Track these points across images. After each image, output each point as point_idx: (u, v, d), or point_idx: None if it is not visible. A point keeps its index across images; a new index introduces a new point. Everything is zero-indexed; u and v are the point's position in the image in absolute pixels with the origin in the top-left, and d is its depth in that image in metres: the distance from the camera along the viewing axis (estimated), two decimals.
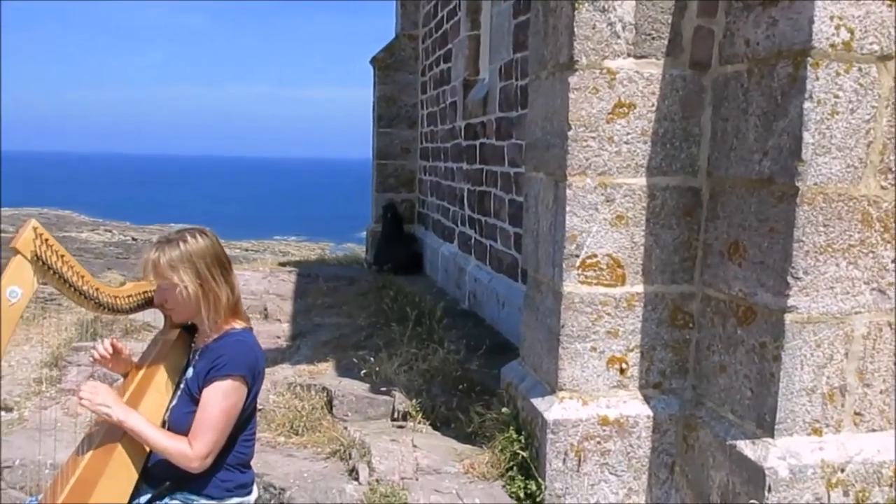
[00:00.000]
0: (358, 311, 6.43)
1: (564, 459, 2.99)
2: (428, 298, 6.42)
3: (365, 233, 9.85)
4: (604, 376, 3.05)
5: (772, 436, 2.60)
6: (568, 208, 2.94)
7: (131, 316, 5.97)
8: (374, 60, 9.24)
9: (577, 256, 2.97)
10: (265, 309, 6.63)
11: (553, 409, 3.00)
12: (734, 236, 2.78)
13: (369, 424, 3.72)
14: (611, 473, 3.05)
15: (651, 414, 3.05)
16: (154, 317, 5.68)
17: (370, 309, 6.42)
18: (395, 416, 3.84)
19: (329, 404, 3.90)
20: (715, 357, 2.91)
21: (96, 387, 2.54)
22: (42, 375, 5.24)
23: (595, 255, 2.97)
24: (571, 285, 2.98)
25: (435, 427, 3.72)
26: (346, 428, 3.60)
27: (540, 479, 3.02)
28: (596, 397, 3.04)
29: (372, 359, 4.33)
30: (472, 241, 6.51)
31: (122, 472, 2.53)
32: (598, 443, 3.01)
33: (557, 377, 3.04)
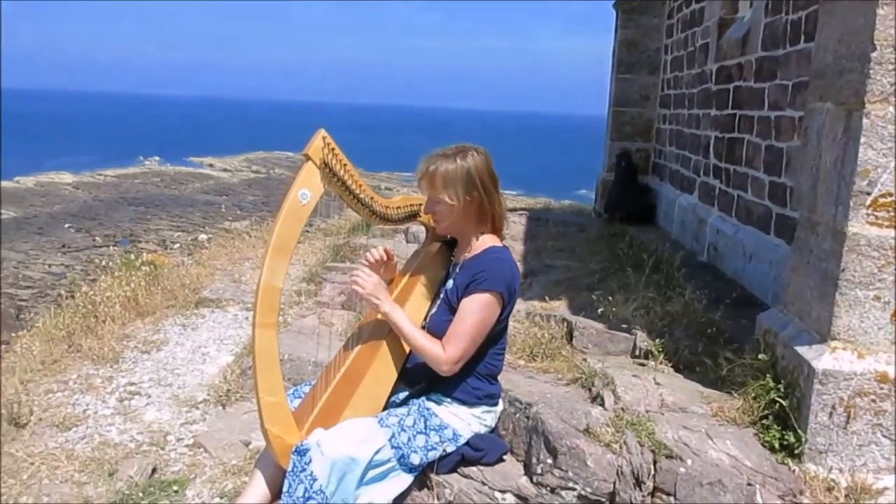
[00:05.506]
0: (588, 255, 6.36)
1: (831, 414, 2.76)
2: (664, 247, 6.19)
3: (595, 182, 9.66)
4: (886, 329, 2.75)
5: None
6: (862, 139, 2.64)
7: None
8: (617, 3, 8.90)
9: (869, 194, 2.67)
10: None
11: (823, 358, 2.76)
12: None
13: (609, 359, 3.68)
14: (884, 436, 2.76)
15: None
16: (397, 248, 6.05)
17: (601, 254, 6.32)
18: (636, 353, 3.76)
19: (569, 335, 3.91)
20: None
21: (371, 276, 2.70)
22: (301, 289, 5.80)
23: (890, 194, 2.66)
24: (858, 226, 2.70)
25: (677, 370, 3.59)
26: (585, 359, 3.59)
27: (800, 432, 2.81)
28: (874, 351, 2.76)
29: (610, 298, 4.27)
30: (716, 191, 6.15)
31: (385, 367, 2.71)
32: (873, 401, 2.74)
33: (830, 325, 2.78)
